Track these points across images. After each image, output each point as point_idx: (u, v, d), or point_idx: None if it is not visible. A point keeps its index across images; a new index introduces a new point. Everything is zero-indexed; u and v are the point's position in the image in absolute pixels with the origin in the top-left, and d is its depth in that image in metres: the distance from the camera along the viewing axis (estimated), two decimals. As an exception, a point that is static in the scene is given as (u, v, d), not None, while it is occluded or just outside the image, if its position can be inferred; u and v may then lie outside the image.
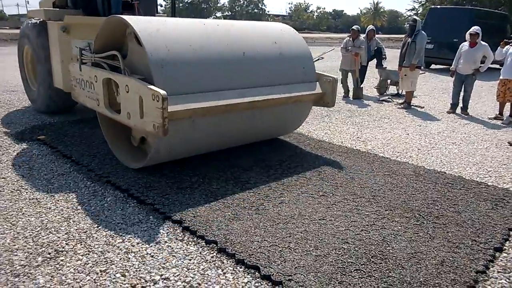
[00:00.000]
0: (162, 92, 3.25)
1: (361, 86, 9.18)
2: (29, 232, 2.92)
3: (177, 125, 3.65)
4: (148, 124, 3.44)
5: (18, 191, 3.58)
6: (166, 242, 2.85)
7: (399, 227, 3.07)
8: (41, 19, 5.86)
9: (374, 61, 9.84)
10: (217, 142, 4.37)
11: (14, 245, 2.75)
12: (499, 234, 3.08)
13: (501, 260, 2.81)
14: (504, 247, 2.96)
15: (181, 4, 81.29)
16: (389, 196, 3.66)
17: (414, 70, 7.89)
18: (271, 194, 3.65)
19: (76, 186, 3.73)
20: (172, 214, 3.19)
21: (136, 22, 3.75)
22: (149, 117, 3.41)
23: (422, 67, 8.46)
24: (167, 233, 2.97)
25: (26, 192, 3.56)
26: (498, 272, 2.68)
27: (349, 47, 8.90)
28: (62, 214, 3.20)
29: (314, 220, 3.16)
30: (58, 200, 3.43)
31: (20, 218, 3.11)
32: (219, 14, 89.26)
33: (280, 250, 2.71)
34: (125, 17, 3.82)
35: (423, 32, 7.91)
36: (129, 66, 3.90)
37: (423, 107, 8.21)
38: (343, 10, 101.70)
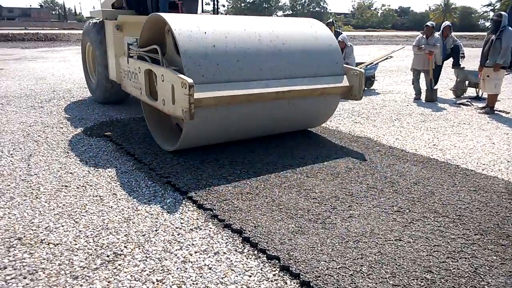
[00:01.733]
0: (189, 80, 3.60)
1: (435, 87, 8.48)
2: (90, 231, 2.88)
3: (205, 112, 3.98)
4: (178, 109, 3.81)
5: (83, 187, 3.60)
6: (225, 253, 2.67)
7: (494, 257, 2.63)
8: (100, 19, 6.48)
9: (450, 60, 9.07)
10: (244, 130, 4.62)
11: (76, 244, 2.72)
12: None
13: None
14: None
15: (242, 4, 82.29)
16: (478, 218, 3.20)
17: (498, 71, 7.09)
18: (339, 206, 3.35)
19: (138, 185, 3.68)
20: (232, 222, 3.01)
21: (172, 18, 4.16)
22: (178, 103, 3.77)
23: (507, 67, 7.60)
24: (226, 243, 2.79)
25: (91, 189, 3.57)
26: None
27: (423, 45, 8.24)
28: (122, 214, 3.15)
29: (389, 241, 2.81)
30: (120, 199, 3.39)
31: (83, 215, 3.10)
32: (280, 13, 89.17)
33: (351, 274, 2.41)
34: (163, 14, 4.25)
35: (510, 28, 7.09)
36: (168, 59, 4.35)
37: (509, 113, 7.37)
38: (409, 7, 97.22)
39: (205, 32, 4.12)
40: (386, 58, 10.30)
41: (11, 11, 77.83)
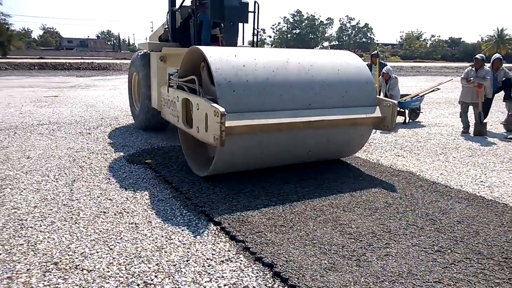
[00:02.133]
0: (221, 109, 3.80)
1: (485, 121, 8.09)
2: (123, 259, 2.93)
3: (236, 139, 4.15)
4: (210, 136, 3.99)
5: (120, 214, 3.70)
6: (254, 287, 2.61)
7: (547, 310, 2.39)
8: (146, 51, 6.89)
9: (501, 93, 8.65)
10: (274, 158, 4.73)
11: (108, 272, 2.76)
12: None
13: None
14: None
15: (289, 35, 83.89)
16: (529, 263, 2.94)
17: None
18: (375, 243, 3.20)
19: (173, 214, 3.73)
20: (263, 255, 2.95)
21: (208, 51, 4.42)
22: (211, 130, 3.96)
23: None
24: (256, 277, 2.73)
25: (127, 216, 3.66)
26: None
27: (471, 78, 7.94)
28: (156, 242, 3.18)
29: (427, 283, 2.64)
30: (154, 227, 3.44)
31: (117, 242, 3.16)
32: (326, 43, 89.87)
33: (385, 319, 2.27)
34: (201, 47, 4.53)
35: None
36: (204, 89, 4.57)
37: None
38: (460, 38, 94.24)
39: (239, 64, 4.35)
40: (433, 90, 10.02)
41: (71, 41, 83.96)
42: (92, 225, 3.45)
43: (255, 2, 6.72)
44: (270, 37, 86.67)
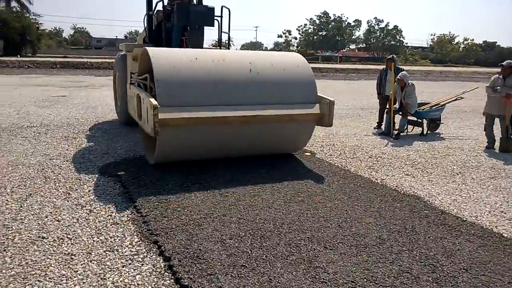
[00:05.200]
0: (154, 102, 4.29)
1: (513, 136, 7.19)
2: (36, 305, 2.40)
3: (175, 130, 4.60)
4: (148, 127, 4.46)
5: (60, 240, 3.18)
6: None
7: None
8: (124, 52, 7.51)
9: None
10: (215, 150, 5.11)
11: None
12: None
13: None
14: None
15: (315, 37, 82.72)
16: None
17: None
18: (352, 298, 2.55)
19: (121, 243, 3.19)
20: (205, 311, 2.36)
21: (154, 52, 4.85)
22: (149, 122, 4.38)
23: None
24: None
25: (67, 243, 3.14)
26: None
27: (498, 87, 7.06)
28: (84, 282, 2.64)
29: None
30: (91, 261, 2.91)
31: (38, 281, 2.64)
32: (353, 46, 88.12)
33: None
34: (148, 48, 4.96)
35: None
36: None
37: None
38: (496, 42, 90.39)
39: (180, 64, 4.75)
40: (456, 99, 9.10)
41: (99, 41, 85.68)
42: (21, 255, 2.94)
43: (222, 7, 7.15)
44: (295, 38, 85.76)
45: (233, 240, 3.24)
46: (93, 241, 3.20)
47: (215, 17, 7.01)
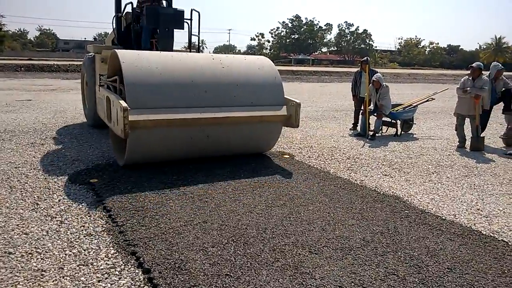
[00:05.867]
0: (124, 104, 4.37)
1: (482, 135, 7.40)
2: (4, 327, 2.20)
3: (145, 132, 4.63)
4: (118, 129, 4.52)
5: (29, 255, 2.96)
6: None
7: None
8: (92, 53, 7.46)
9: (500, 105, 7.97)
10: (185, 151, 5.16)
11: None
12: None
13: None
14: None
15: (287, 40, 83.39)
16: None
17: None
18: (341, 304, 2.48)
19: (97, 255, 3.00)
20: (190, 325, 2.23)
21: (124, 55, 4.87)
22: (119, 123, 4.44)
23: None
24: None
25: (36, 259, 2.92)
26: None
27: (468, 88, 7.24)
28: (57, 300, 2.45)
29: None
30: (64, 277, 2.71)
31: (7, 300, 2.43)
32: (324, 49, 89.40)
33: None
34: (118, 51, 4.96)
35: None
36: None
37: None
38: (459, 45, 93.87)
39: (150, 67, 4.79)
40: (427, 100, 9.31)
41: (67, 43, 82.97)
42: (-14, 272, 2.71)
43: (191, 10, 7.31)
44: (268, 41, 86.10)
45: (216, 248, 3.12)
46: (65, 254, 3.00)
47: (185, 20, 7.02)
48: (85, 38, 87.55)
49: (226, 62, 5.46)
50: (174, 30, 7.05)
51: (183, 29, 7.04)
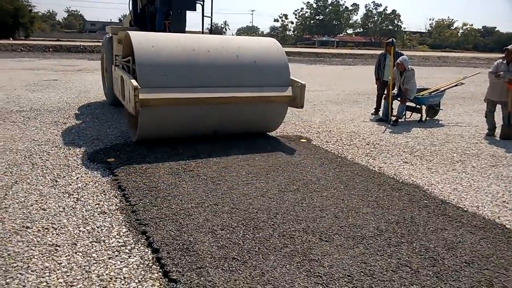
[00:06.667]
0: (135, 83, 4.56)
1: (514, 123, 7.05)
2: (16, 300, 2.27)
3: (156, 110, 4.83)
4: (130, 107, 4.75)
5: (45, 230, 3.04)
6: None
7: None
8: (110, 34, 7.73)
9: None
10: (193, 129, 5.34)
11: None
12: None
13: None
14: None
15: (312, 21, 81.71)
16: None
17: None
18: (348, 294, 2.43)
19: (109, 233, 3.05)
20: (194, 307, 2.24)
21: (136, 36, 5.06)
22: (131, 102, 4.66)
23: None
24: None
25: (52, 234, 3.00)
26: None
27: (501, 72, 6.89)
28: (66, 277, 2.50)
29: None
30: (76, 252, 2.77)
31: (20, 274, 2.50)
32: (350, 31, 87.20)
33: None
34: (130, 32, 5.17)
35: None
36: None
37: None
38: (495, 27, 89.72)
39: (160, 47, 4.97)
40: (456, 85, 8.93)
41: (93, 25, 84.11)
42: (3, 245, 2.80)
43: None
44: (292, 23, 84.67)
45: (225, 231, 3.11)
46: (79, 231, 3.06)
47: (197, 2, 7.14)
48: (111, 20, 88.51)
49: (235, 43, 5.60)
50: (188, 12, 7.23)
51: (195, 10, 7.16)
